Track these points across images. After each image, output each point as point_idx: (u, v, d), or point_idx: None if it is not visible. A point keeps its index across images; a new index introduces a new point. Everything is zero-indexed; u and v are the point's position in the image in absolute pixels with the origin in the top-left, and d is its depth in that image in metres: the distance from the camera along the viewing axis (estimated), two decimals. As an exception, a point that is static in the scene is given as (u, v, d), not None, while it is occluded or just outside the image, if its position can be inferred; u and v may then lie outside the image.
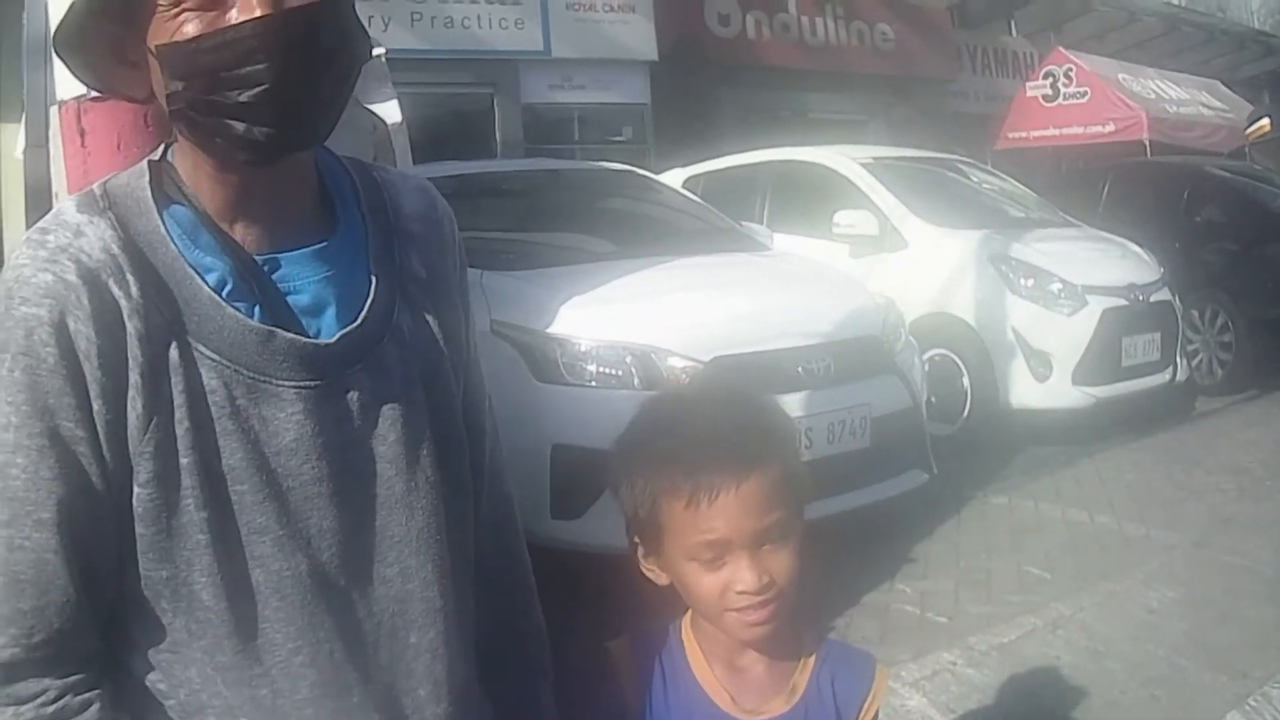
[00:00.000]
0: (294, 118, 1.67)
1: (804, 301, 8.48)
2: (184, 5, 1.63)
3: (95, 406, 1.64)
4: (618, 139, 16.10)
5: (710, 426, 2.08)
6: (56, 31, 1.80)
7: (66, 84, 4.77)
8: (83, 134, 4.72)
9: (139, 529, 1.67)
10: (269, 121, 1.64)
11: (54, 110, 5.96)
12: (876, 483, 7.76)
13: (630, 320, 7.46)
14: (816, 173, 12.61)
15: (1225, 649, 6.22)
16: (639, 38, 18.05)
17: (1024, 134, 21.65)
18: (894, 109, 20.27)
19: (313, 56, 1.65)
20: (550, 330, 7.31)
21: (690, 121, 15.93)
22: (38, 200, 9.81)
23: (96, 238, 1.68)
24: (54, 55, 5.73)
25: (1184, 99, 22.97)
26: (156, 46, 1.66)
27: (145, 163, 1.82)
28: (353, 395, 1.80)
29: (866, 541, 7.67)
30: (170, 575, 1.69)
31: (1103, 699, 5.71)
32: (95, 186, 1.80)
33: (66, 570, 1.64)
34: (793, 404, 7.33)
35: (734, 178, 12.89)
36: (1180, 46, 26.29)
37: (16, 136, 16.47)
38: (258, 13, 1.60)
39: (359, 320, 1.82)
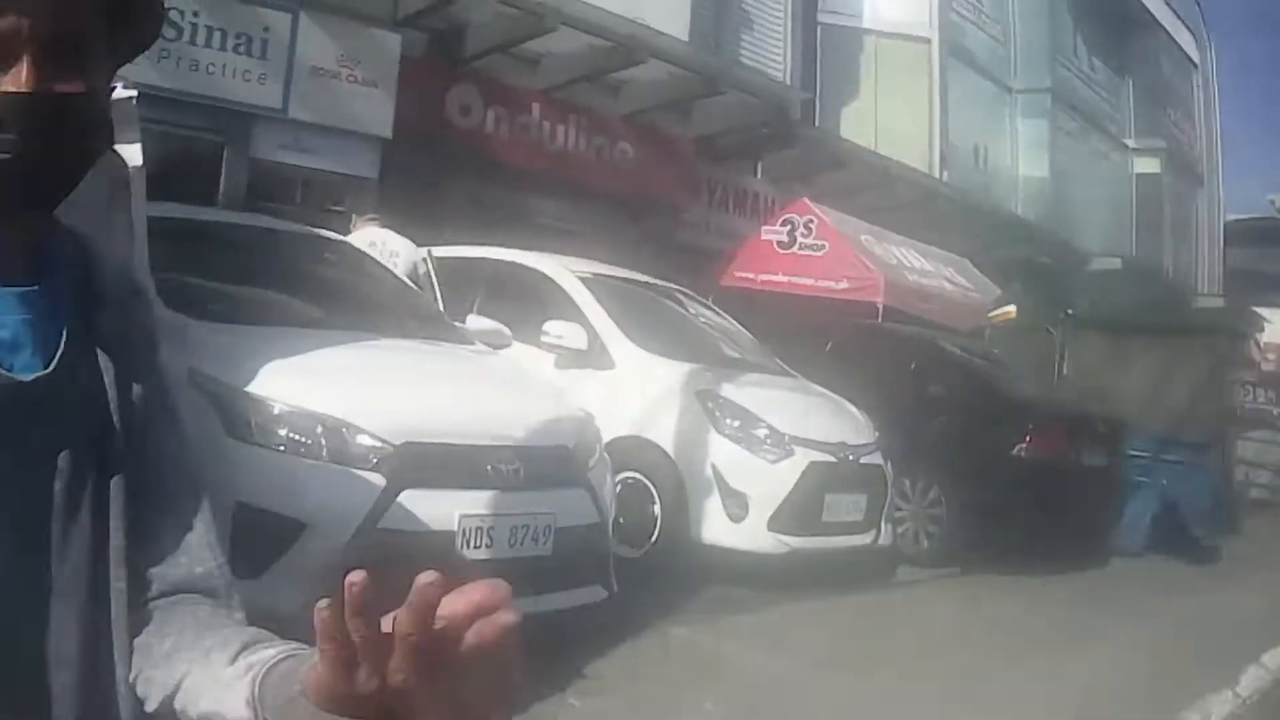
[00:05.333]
0: (21, 190, 1.78)
1: (503, 402, 8.91)
2: None
3: None
4: (339, 209, 16.23)
5: None
6: None
7: None
8: None
9: None
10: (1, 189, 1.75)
11: None
12: (554, 591, 8.12)
13: (327, 391, 7.81)
14: (533, 278, 13.08)
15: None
16: (376, 112, 18.38)
17: (751, 275, 21.92)
18: (623, 229, 20.32)
19: (59, 141, 1.79)
20: (247, 388, 7.60)
21: (415, 203, 16.04)
22: None
23: None
24: None
25: (928, 270, 23.71)
26: None
27: None
28: (29, 436, 1.84)
29: (540, 651, 7.95)
30: None
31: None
32: None
33: None
34: (478, 501, 7.81)
35: (452, 268, 13.14)
36: (935, 220, 26.95)
37: None
38: (23, 89, 1.73)
39: (50, 368, 1.87)
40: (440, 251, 13.61)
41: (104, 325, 2.01)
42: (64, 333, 1.92)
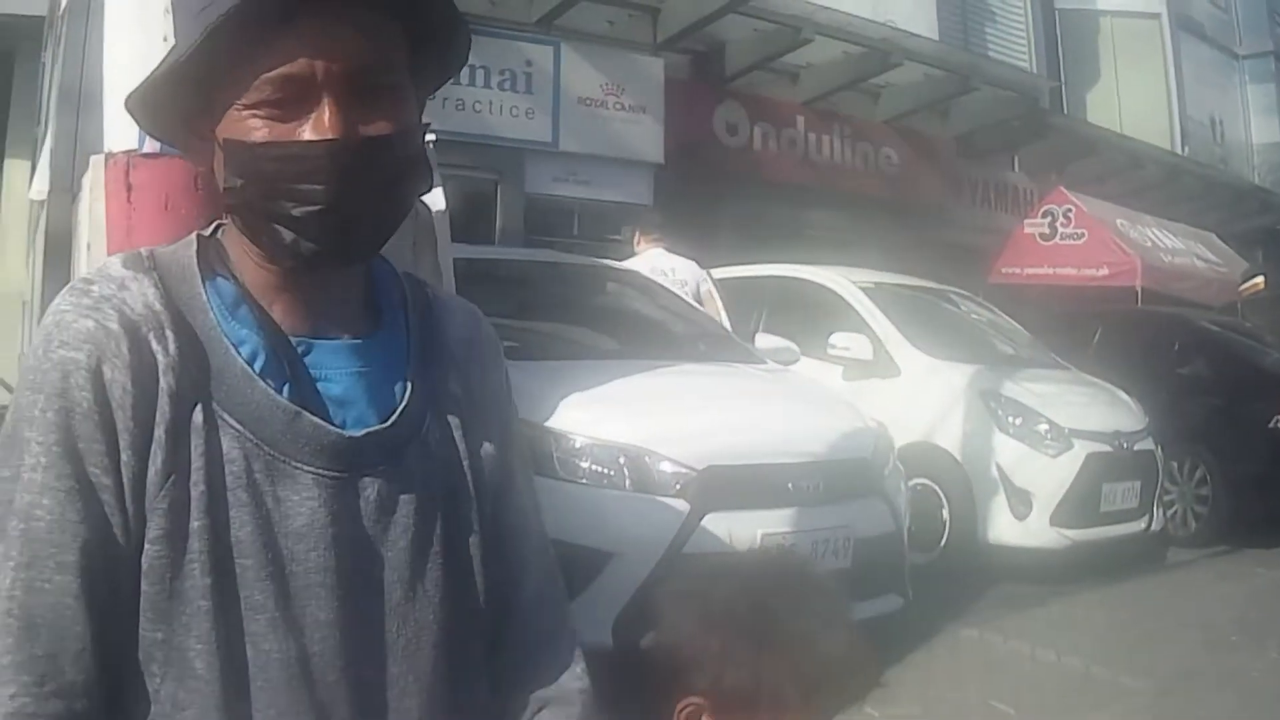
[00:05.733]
0: (343, 239, 1.74)
1: (799, 419, 8.72)
2: (257, 110, 1.69)
3: (123, 457, 1.66)
4: (616, 237, 16.16)
5: (853, 660, 2.31)
6: (131, 94, 1.83)
7: (116, 137, 4.85)
8: (129, 189, 4.77)
9: (143, 585, 1.67)
10: (317, 239, 1.72)
11: (96, 160, 6.14)
12: (854, 602, 7.73)
13: (626, 421, 7.69)
14: (817, 292, 12.92)
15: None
16: (647, 139, 18.29)
17: (1017, 270, 21.72)
18: (891, 233, 20.17)
19: (373, 185, 1.72)
20: (547, 424, 7.49)
21: (689, 226, 15.92)
22: (57, 246, 10.07)
23: (140, 293, 1.73)
24: (98, 103, 5.93)
25: (1179, 249, 23.20)
26: (224, 139, 1.73)
27: (194, 235, 1.88)
28: (369, 494, 1.80)
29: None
30: (165, 638, 1.68)
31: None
32: (142, 249, 1.83)
33: (85, 617, 1.63)
34: (780, 519, 7.66)
35: (734, 288, 12.94)
36: (1179, 196, 26.46)
37: (32, 176, 16.69)
38: (328, 135, 1.67)
39: (390, 422, 1.83)
40: (722, 272, 13.47)
41: (452, 376, 1.99)
42: (408, 385, 1.89)
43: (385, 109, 1.73)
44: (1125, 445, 11.84)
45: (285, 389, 1.76)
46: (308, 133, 1.68)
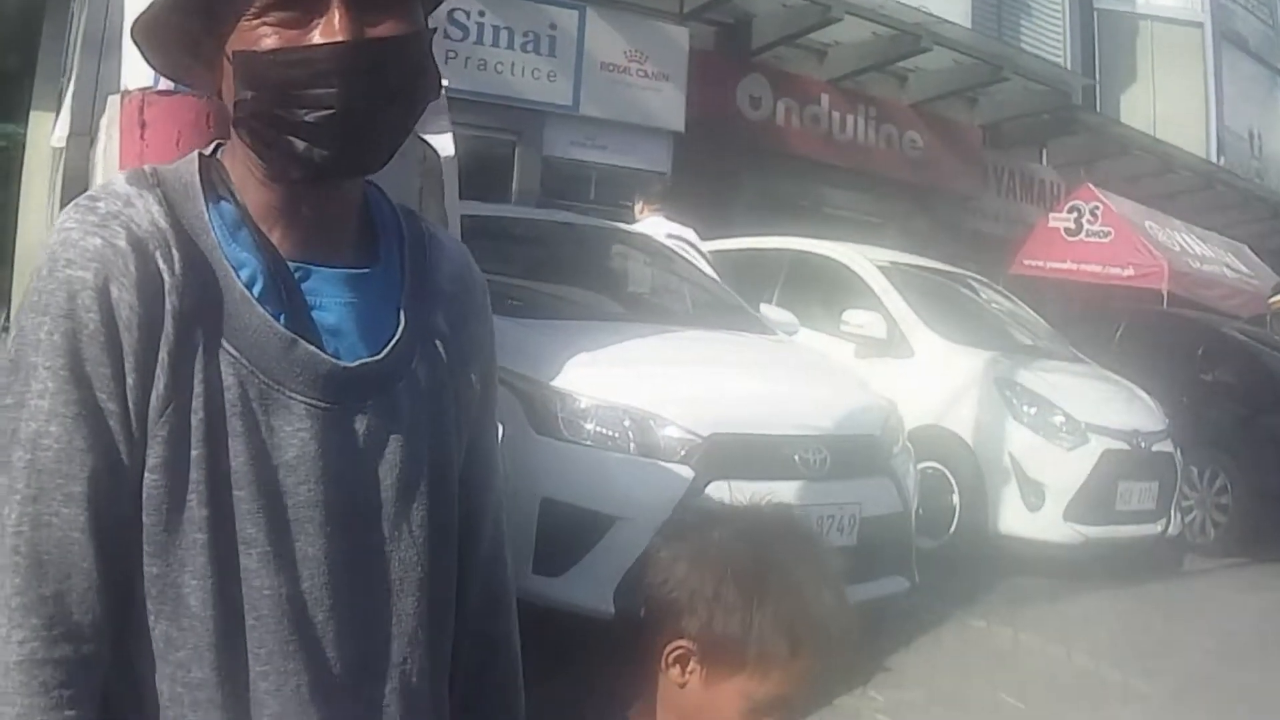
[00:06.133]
0: (353, 144, 1.71)
1: (808, 391, 8.57)
2: (267, 18, 1.67)
3: (129, 379, 1.64)
4: (626, 204, 16.27)
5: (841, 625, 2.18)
6: (136, 20, 1.79)
7: (133, 75, 4.86)
8: (143, 126, 4.77)
9: (143, 517, 1.66)
10: (328, 144, 1.69)
11: (113, 100, 5.99)
12: (858, 583, 7.58)
13: (633, 384, 7.55)
14: (832, 268, 12.74)
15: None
16: (668, 107, 18.26)
17: (1040, 263, 21.46)
18: (913, 217, 20.33)
19: (383, 88, 1.70)
20: (553, 383, 7.39)
21: (708, 197, 15.90)
22: (73, 188, 9.82)
23: (145, 210, 1.71)
24: (118, 45, 5.80)
25: (1209, 256, 23.00)
26: (234, 52, 1.70)
27: (195, 154, 1.86)
28: (360, 427, 1.80)
29: None
30: (160, 573, 1.67)
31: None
32: (145, 166, 1.81)
33: (92, 552, 1.61)
34: (785, 491, 7.33)
35: (749, 260, 12.96)
36: (1213, 205, 26.36)
37: (55, 124, 16.56)
38: (338, 38, 1.65)
39: (381, 354, 1.83)
40: (739, 242, 13.48)
41: (441, 312, 1.97)
42: (400, 318, 1.87)
43: (393, 11, 1.71)
44: (1143, 444, 11.63)
45: (281, 317, 1.75)
46: (317, 37, 1.66)
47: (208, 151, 1.87)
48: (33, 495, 1.59)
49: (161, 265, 1.67)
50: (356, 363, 1.79)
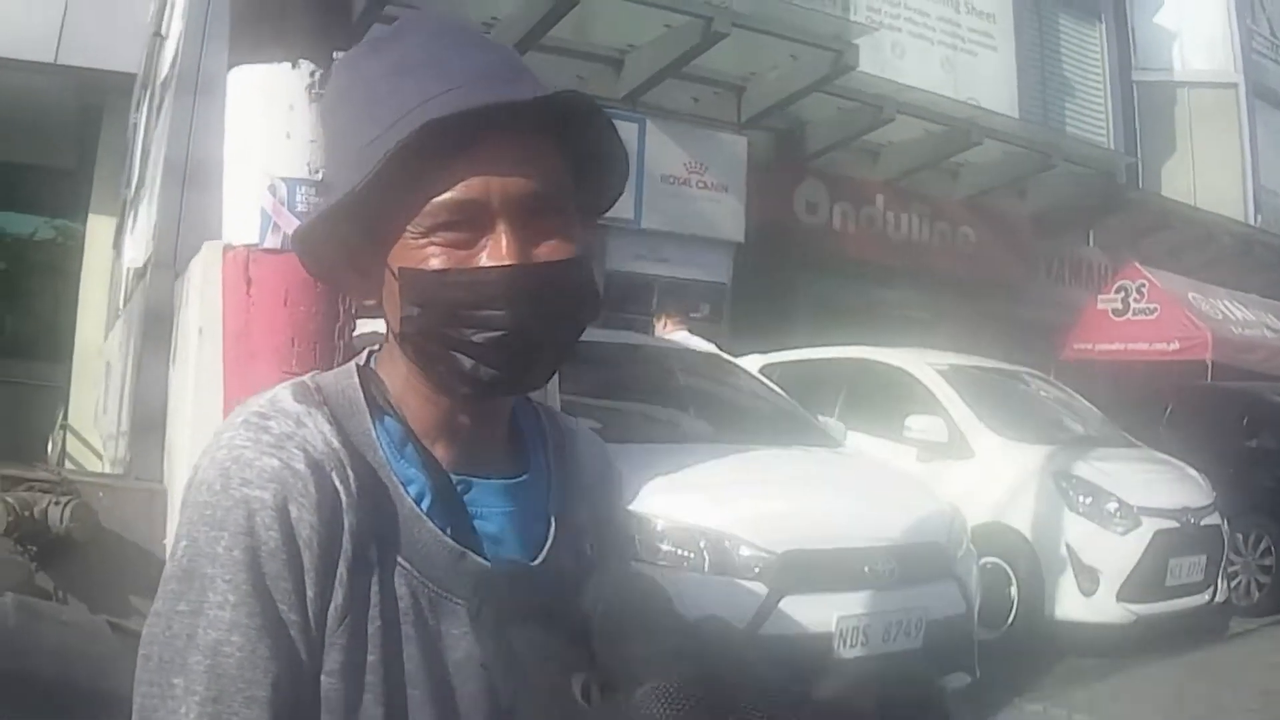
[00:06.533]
0: (520, 364, 1.74)
1: (876, 503, 9.03)
2: (434, 238, 1.70)
3: (309, 592, 1.67)
4: (695, 315, 15.87)
5: None
6: (296, 229, 1.86)
7: (236, 228, 5.02)
8: (249, 283, 4.90)
9: (322, 716, 1.69)
10: (497, 365, 1.72)
11: (211, 246, 6.29)
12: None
13: (707, 506, 7.99)
14: (893, 375, 13.13)
15: None
16: (728, 218, 18.32)
17: (1089, 346, 21.77)
18: (964, 311, 20.29)
19: (549, 310, 1.72)
20: (630, 508, 7.73)
21: (766, 304, 16.01)
22: (157, 321, 10.42)
23: (317, 430, 1.74)
24: (204, 181, 6.20)
25: (1250, 320, 23.21)
26: (400, 269, 1.73)
27: (352, 366, 1.89)
28: (512, 634, 1.69)
29: None
30: None
31: None
32: (307, 379, 1.85)
33: None
34: (855, 602, 7.96)
35: (811, 371, 13.29)
36: (1253, 267, 26.34)
37: (123, 237, 16.81)
38: (507, 261, 1.68)
39: (538, 560, 1.86)
40: (801, 354, 13.85)
41: (585, 508, 2.01)
42: (551, 523, 1.91)
43: (557, 233, 1.74)
44: (1192, 520, 12.03)
45: (447, 530, 1.79)
46: (485, 259, 1.69)
47: (362, 361, 1.91)
48: (213, 696, 1.61)
49: (338, 485, 1.71)
50: (517, 570, 1.78)
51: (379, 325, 1.96)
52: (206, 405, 5.97)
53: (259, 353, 4.92)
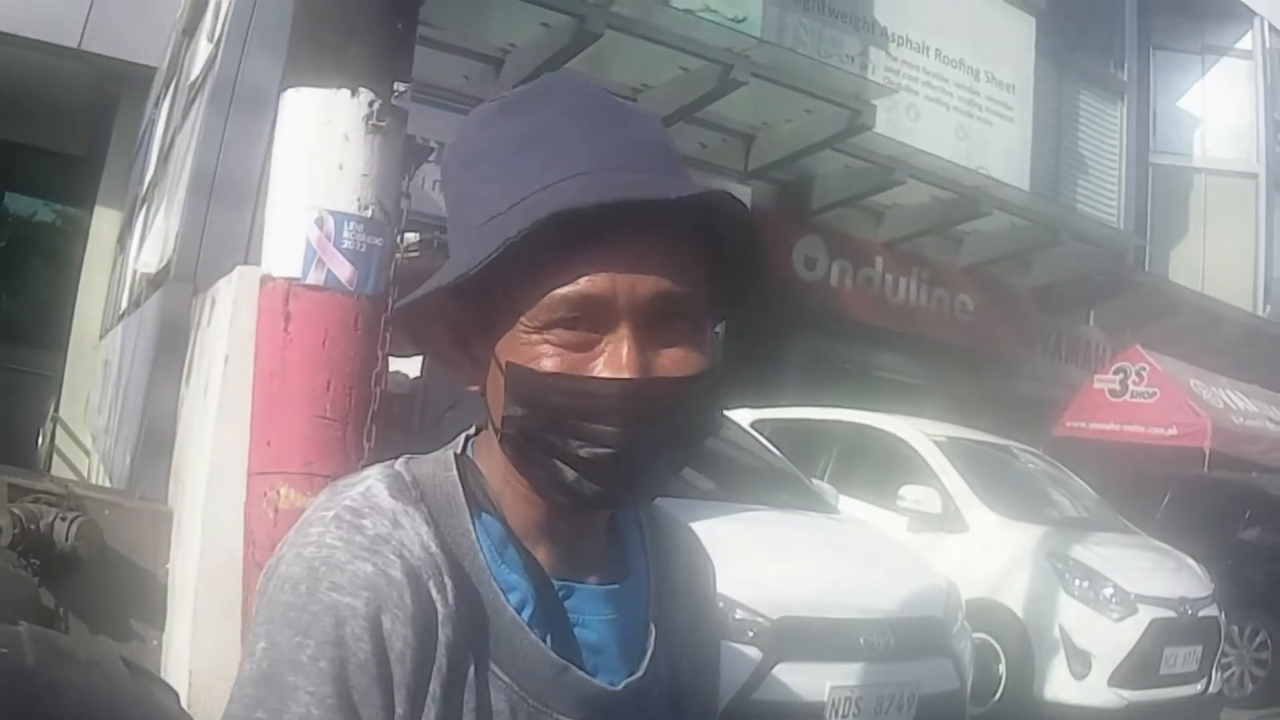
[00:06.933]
0: (626, 482, 1.62)
1: (874, 574, 8.86)
2: (549, 335, 1.57)
3: (399, 710, 1.57)
4: None
5: None
6: (402, 303, 1.73)
7: (277, 259, 4.95)
8: (288, 318, 4.81)
9: None
10: (600, 480, 1.59)
11: (244, 271, 6.19)
12: None
13: None
14: (888, 441, 12.92)
15: None
16: None
17: (1083, 424, 21.62)
18: (959, 380, 20.32)
19: (665, 430, 1.59)
20: None
21: (759, 357, 15.94)
22: (170, 337, 10.20)
23: (414, 531, 1.62)
24: (231, 197, 5.93)
25: (1251, 411, 23.04)
26: (508, 363, 1.60)
27: (450, 456, 1.76)
28: None
29: None
30: None
31: None
32: (402, 469, 1.71)
33: None
34: (849, 673, 7.75)
35: (803, 430, 13.14)
36: (1258, 357, 26.16)
37: (125, 234, 16.68)
38: (625, 375, 1.54)
39: (641, 673, 1.77)
40: (792, 412, 13.68)
41: (681, 609, 1.90)
42: (650, 630, 1.81)
43: (685, 343, 1.60)
44: (1190, 611, 11.84)
45: (549, 638, 1.68)
46: (602, 367, 1.56)
47: (459, 448, 1.78)
48: None
49: (435, 595, 1.59)
50: (622, 685, 1.74)
51: (404, 365, 1.70)
52: (229, 438, 5.97)
53: (292, 393, 4.87)
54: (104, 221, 19.97)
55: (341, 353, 4.77)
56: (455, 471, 1.72)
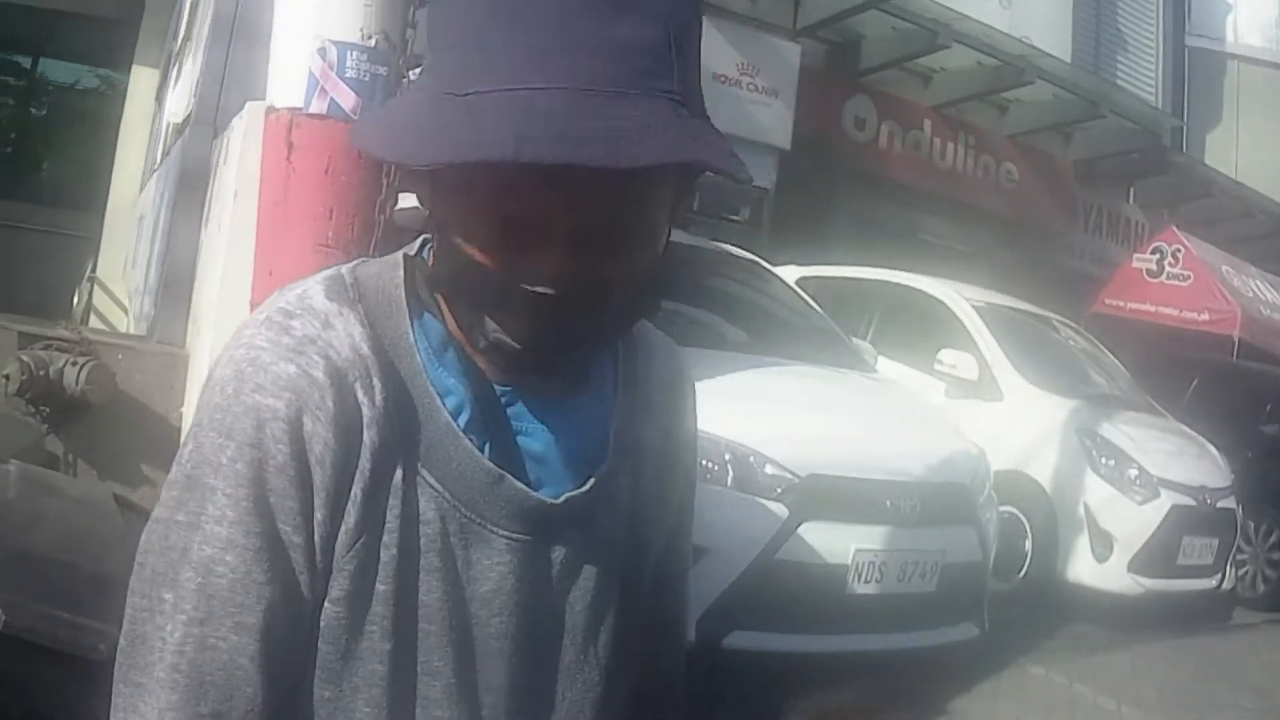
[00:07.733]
0: (543, 370, 1.60)
1: (905, 436, 8.68)
2: (491, 215, 1.47)
3: (317, 515, 1.53)
4: (735, 218, 15.91)
5: None
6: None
7: (281, 90, 4.87)
8: (290, 148, 4.74)
9: (319, 644, 1.58)
10: (513, 359, 1.56)
11: (254, 106, 6.07)
12: (932, 629, 7.97)
13: (735, 418, 7.47)
14: (929, 305, 12.72)
15: None
16: (776, 123, 18.01)
17: (1120, 303, 21.33)
18: (1003, 250, 20.27)
19: (589, 326, 1.55)
20: None
21: (807, 215, 15.84)
22: (191, 179, 10.02)
23: (345, 333, 1.57)
24: (252, 39, 5.91)
25: (1278, 304, 22.84)
26: (446, 222, 1.54)
27: (400, 256, 1.70)
28: (557, 558, 1.68)
29: (908, 683, 7.93)
30: (333, 697, 1.60)
31: None
32: (345, 272, 1.65)
33: (258, 679, 1.52)
34: (874, 536, 7.60)
35: (847, 289, 12.93)
36: None
37: (166, 91, 16.55)
38: (545, 290, 1.47)
39: (587, 487, 1.69)
40: (838, 270, 13.45)
41: (651, 425, 1.82)
42: (609, 443, 1.74)
43: (622, 251, 1.51)
44: (1209, 500, 11.74)
45: (486, 446, 1.62)
46: (528, 275, 1.47)
47: (413, 249, 1.71)
48: (200, 618, 1.50)
49: (361, 398, 1.54)
50: (563, 499, 1.67)
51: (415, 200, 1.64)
52: (235, 272, 5.89)
53: (294, 222, 4.81)
54: (141, 80, 19.57)
55: (344, 181, 4.74)
56: (401, 272, 1.66)
